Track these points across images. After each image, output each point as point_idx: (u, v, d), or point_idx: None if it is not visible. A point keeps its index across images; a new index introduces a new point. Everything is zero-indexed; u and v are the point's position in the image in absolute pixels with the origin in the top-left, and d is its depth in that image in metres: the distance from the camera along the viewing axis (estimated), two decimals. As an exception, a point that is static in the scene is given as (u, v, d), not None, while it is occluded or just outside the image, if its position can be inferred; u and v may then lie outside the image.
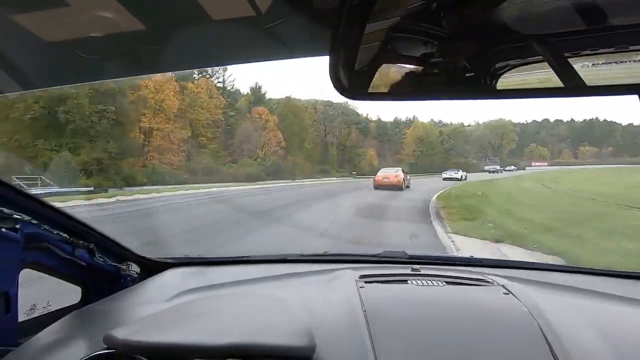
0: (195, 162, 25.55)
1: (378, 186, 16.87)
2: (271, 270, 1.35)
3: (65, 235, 1.00)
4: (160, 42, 0.78)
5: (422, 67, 0.61)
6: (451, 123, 47.90)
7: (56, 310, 1.07)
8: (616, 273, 1.38)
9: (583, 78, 0.52)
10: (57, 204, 1.00)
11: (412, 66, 0.62)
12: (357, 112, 43.47)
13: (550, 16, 0.51)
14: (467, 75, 0.58)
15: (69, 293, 1.15)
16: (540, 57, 0.54)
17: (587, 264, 4.16)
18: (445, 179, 24.83)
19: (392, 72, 0.64)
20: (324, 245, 5.36)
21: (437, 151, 42.73)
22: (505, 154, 48.31)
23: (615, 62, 0.52)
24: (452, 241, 5.98)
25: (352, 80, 0.59)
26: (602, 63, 0.53)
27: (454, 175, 25.64)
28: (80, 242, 1.04)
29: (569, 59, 0.52)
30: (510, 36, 0.55)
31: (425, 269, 1.22)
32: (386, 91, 0.63)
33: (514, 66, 0.59)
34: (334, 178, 30.33)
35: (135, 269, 1.25)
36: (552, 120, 60.57)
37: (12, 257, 0.86)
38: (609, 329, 0.85)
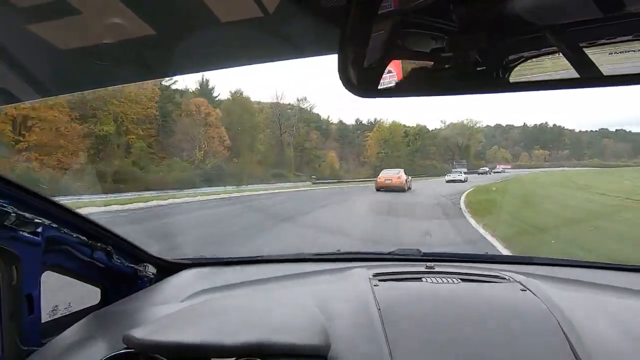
0: (106, 165, 19.14)
1: (380, 188, 16.46)
2: (285, 270, 1.35)
3: (84, 238, 1.02)
4: (170, 46, 0.79)
5: (432, 63, 0.60)
6: (417, 125, 46.40)
7: (77, 312, 1.10)
8: (630, 267, 1.34)
9: (600, 68, 0.50)
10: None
11: (422, 62, 0.62)
12: (318, 114, 41.80)
13: (565, 5, 0.49)
14: (478, 69, 0.57)
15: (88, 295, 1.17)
16: (555, 47, 0.53)
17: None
18: (448, 181, 23.17)
19: (403, 68, 0.63)
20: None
21: (402, 153, 41.10)
22: (472, 156, 47.59)
23: (634, 51, 0.50)
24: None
25: (362, 77, 0.59)
26: (620, 52, 0.51)
27: (458, 177, 23.99)
28: (98, 244, 1.07)
29: (585, 49, 0.51)
30: (523, 28, 0.53)
31: (439, 267, 1.21)
32: (396, 88, 0.63)
33: (528, 58, 0.58)
34: (290, 184, 25.98)
35: (151, 270, 1.27)
36: (504, 124, 62.02)
37: (34, 260, 0.89)
38: (629, 325, 0.83)
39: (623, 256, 4.47)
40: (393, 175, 17.59)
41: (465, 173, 26.86)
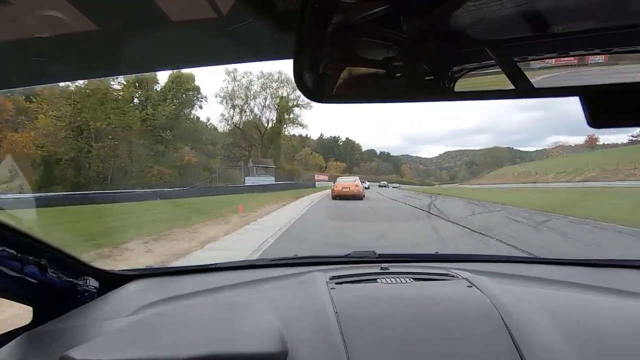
0: None
1: (337, 196, 16.22)
2: (240, 277, 1.32)
3: (12, 251, 0.92)
4: (116, 44, 0.74)
5: (384, 71, 0.62)
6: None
7: (4, 333, 0.98)
8: (570, 261, 1.48)
9: (531, 81, 0.55)
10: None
11: (375, 69, 0.64)
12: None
13: (501, 23, 0.54)
14: (426, 78, 0.60)
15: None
16: (493, 61, 0.57)
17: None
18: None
19: (357, 75, 0.65)
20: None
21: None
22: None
23: (558, 67, 0.56)
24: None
25: (318, 83, 0.59)
26: (547, 67, 0.57)
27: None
28: (30, 257, 0.96)
29: (518, 64, 0.56)
30: (466, 42, 0.57)
31: (393, 267, 1.25)
32: (351, 94, 0.64)
33: (470, 70, 0.62)
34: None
35: (93, 283, 1.16)
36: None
37: None
38: (562, 314, 0.91)
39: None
40: (350, 182, 17.44)
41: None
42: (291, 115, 47.79)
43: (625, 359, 0.77)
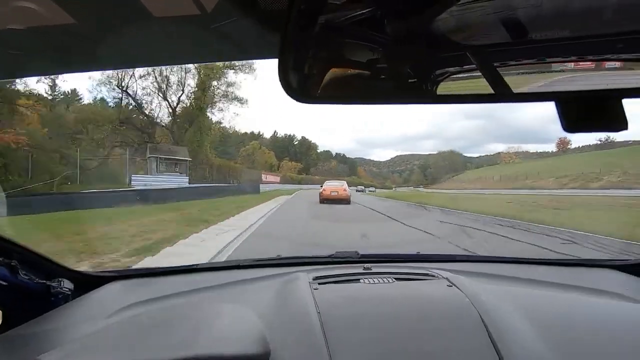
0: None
1: (325, 200, 16.02)
2: (222, 278, 1.30)
3: None
4: (94, 38, 0.72)
5: (369, 72, 0.63)
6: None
7: None
8: (547, 261, 1.54)
9: (510, 86, 0.57)
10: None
11: (359, 71, 0.64)
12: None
13: (482, 29, 0.56)
14: (410, 81, 0.61)
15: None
16: (474, 65, 0.59)
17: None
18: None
19: (342, 76, 0.65)
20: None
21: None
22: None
23: (536, 72, 0.58)
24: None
25: (302, 83, 0.59)
26: (525, 72, 0.59)
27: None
28: (0, 259, 0.92)
29: (498, 69, 0.57)
30: (448, 46, 0.59)
31: (376, 267, 1.26)
32: (336, 95, 0.65)
33: (452, 73, 0.63)
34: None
35: (67, 285, 1.11)
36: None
37: None
38: (538, 312, 0.94)
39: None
40: (339, 187, 17.31)
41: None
42: (222, 84, 29.81)
43: (596, 357, 0.80)
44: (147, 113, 28.54)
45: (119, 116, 26.20)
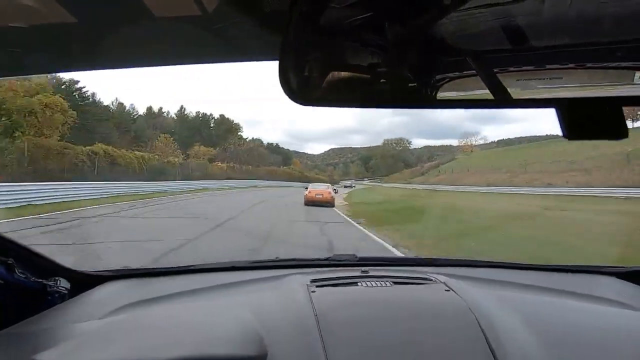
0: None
1: (309, 202, 16.09)
2: (220, 279, 1.29)
3: None
4: (95, 37, 0.72)
5: (369, 76, 0.63)
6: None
7: None
8: (543, 267, 1.54)
9: (510, 92, 0.57)
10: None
11: (360, 74, 0.64)
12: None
13: (482, 35, 0.56)
14: (410, 85, 0.62)
15: None
16: (474, 71, 0.59)
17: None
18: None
19: (342, 79, 0.65)
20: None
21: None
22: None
23: (535, 79, 0.58)
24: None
25: (302, 85, 0.59)
26: (525, 79, 0.59)
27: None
28: None
29: (498, 74, 0.57)
30: (448, 51, 0.59)
31: (374, 271, 1.25)
32: (336, 98, 0.65)
33: (452, 78, 0.64)
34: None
35: (64, 284, 1.11)
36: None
37: None
38: (534, 318, 0.94)
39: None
40: (324, 189, 17.40)
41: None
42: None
43: None
44: None
45: None
